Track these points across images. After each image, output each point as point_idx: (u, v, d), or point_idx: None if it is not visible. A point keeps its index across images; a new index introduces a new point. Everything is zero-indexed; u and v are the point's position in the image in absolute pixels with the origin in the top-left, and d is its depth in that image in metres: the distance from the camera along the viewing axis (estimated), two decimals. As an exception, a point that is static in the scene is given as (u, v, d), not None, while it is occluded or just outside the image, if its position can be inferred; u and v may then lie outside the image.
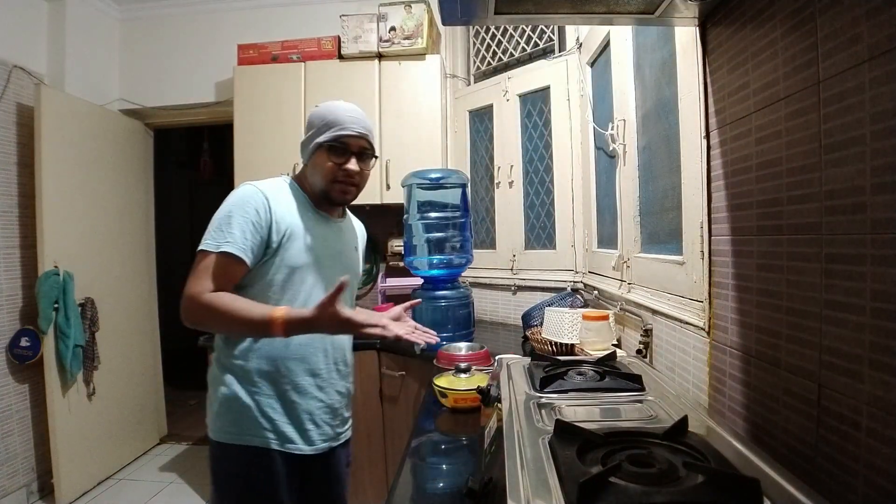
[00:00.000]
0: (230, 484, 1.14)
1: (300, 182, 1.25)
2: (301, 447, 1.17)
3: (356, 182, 1.23)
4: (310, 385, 1.18)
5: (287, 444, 1.15)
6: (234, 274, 1.10)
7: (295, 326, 1.02)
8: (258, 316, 1.03)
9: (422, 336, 1.20)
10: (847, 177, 0.64)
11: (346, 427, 1.30)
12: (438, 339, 1.28)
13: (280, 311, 1.02)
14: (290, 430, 1.15)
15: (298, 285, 1.16)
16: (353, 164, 1.20)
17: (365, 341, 2.21)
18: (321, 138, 1.17)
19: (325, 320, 1.00)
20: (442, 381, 1.32)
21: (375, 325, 1.05)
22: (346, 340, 1.29)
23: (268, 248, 1.13)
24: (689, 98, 1.12)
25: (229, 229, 1.08)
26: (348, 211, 1.40)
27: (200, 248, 1.09)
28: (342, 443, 1.28)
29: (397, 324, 1.25)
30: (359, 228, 1.44)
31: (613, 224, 1.77)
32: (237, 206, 1.10)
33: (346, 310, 1.00)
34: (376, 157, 1.29)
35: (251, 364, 1.14)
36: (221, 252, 1.07)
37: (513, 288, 2.48)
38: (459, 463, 1.03)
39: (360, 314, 1.12)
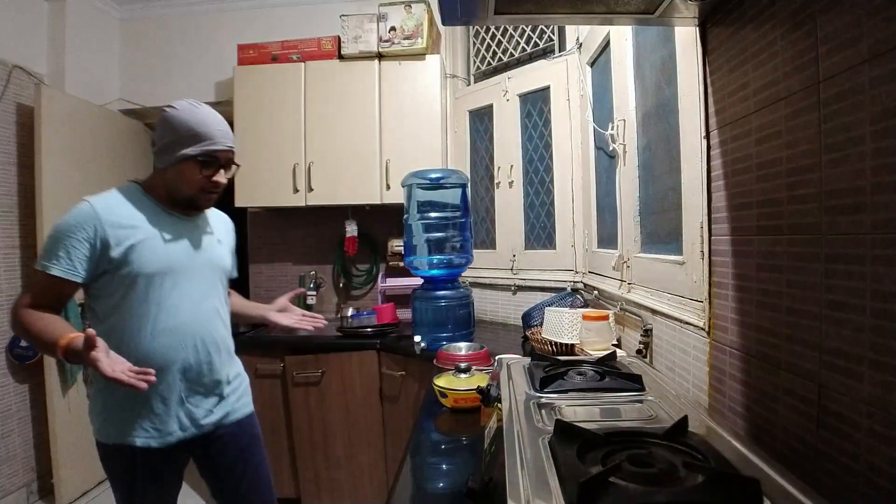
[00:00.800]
0: (116, 484, 1.22)
1: (149, 186, 1.26)
2: (169, 440, 1.21)
3: (220, 190, 1.28)
4: (179, 380, 1.22)
5: (165, 438, 1.20)
6: (59, 292, 1.16)
7: (75, 358, 1.05)
8: (49, 340, 1.07)
9: (310, 321, 1.30)
10: (847, 177, 0.64)
11: (239, 407, 1.35)
12: (325, 323, 1.40)
13: (69, 337, 1.06)
14: (158, 424, 1.19)
15: (160, 289, 1.19)
16: (222, 177, 1.24)
17: (365, 341, 2.21)
18: (190, 150, 1.18)
19: (102, 366, 1.00)
20: (442, 381, 1.32)
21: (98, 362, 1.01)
22: (219, 333, 1.31)
23: (110, 262, 1.15)
24: (689, 98, 1.12)
25: (56, 250, 1.12)
26: (211, 210, 1.39)
27: (37, 266, 1.15)
28: (238, 420, 1.34)
29: (284, 315, 1.42)
30: (218, 219, 1.42)
31: (613, 224, 1.77)
32: (66, 226, 1.14)
33: (100, 355, 1.00)
34: (238, 165, 1.31)
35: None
36: (47, 273, 1.12)
37: (513, 288, 2.48)
38: (459, 463, 1.03)
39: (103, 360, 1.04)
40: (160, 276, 1.19)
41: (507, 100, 2.48)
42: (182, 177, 1.20)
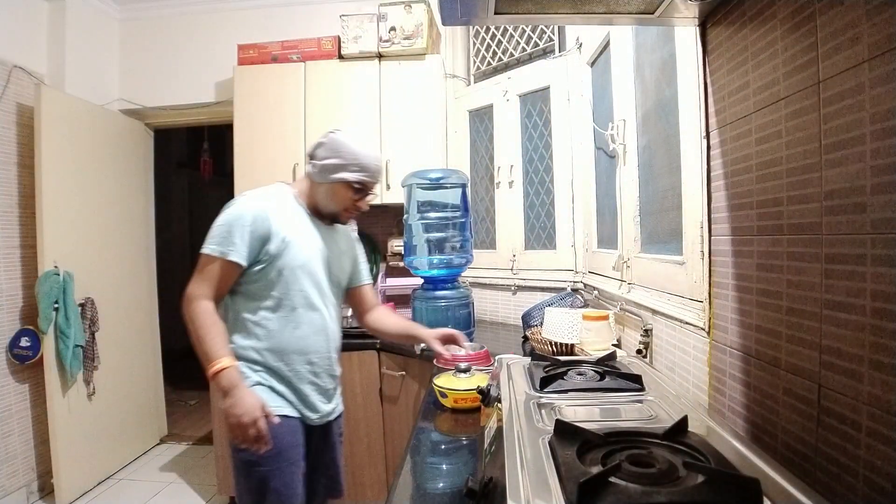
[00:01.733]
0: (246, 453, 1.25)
1: (300, 192, 1.39)
2: (310, 417, 1.35)
3: (362, 212, 1.44)
4: (307, 371, 1.34)
5: (303, 413, 1.33)
6: (231, 278, 1.28)
7: (221, 382, 1.19)
8: (209, 351, 1.21)
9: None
10: (847, 177, 0.64)
11: (336, 405, 1.46)
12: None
13: (224, 362, 1.20)
14: (298, 404, 1.33)
15: (303, 284, 1.32)
16: (365, 204, 1.40)
17: (365, 341, 2.21)
18: (350, 176, 1.32)
19: (237, 408, 1.18)
20: (442, 381, 1.32)
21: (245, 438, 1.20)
22: (338, 332, 1.45)
23: (265, 254, 1.27)
24: (689, 98, 1.12)
25: (232, 237, 1.24)
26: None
27: (206, 251, 1.25)
28: (335, 417, 1.45)
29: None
30: (348, 234, 1.56)
31: (613, 224, 1.77)
32: (238, 216, 1.25)
33: (260, 423, 1.19)
34: (377, 194, 1.50)
35: (262, 356, 1.30)
36: (225, 259, 1.24)
37: (513, 288, 2.48)
38: (459, 463, 1.03)
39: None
40: (303, 272, 1.31)
41: (507, 100, 2.48)
42: (335, 195, 1.35)
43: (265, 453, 1.23)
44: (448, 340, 1.48)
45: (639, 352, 1.40)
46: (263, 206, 1.28)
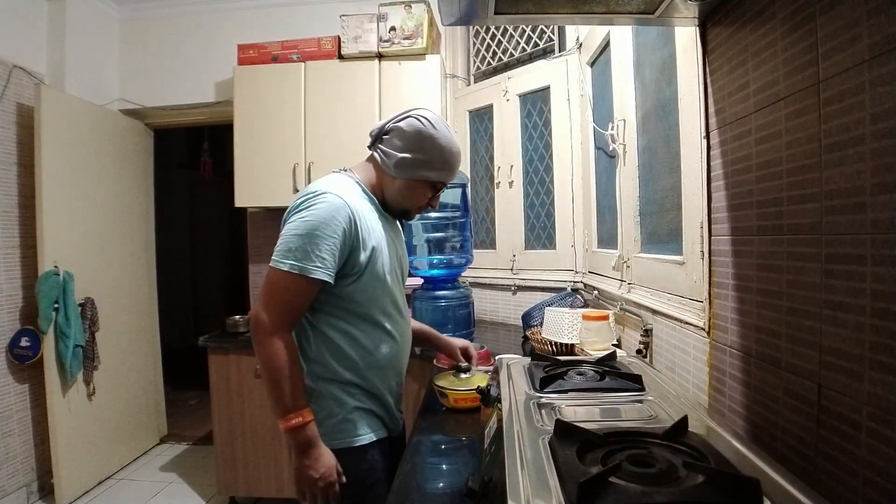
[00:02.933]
0: (357, 487, 1.14)
1: (371, 186, 1.20)
2: (394, 429, 1.25)
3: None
4: (396, 385, 1.25)
5: (391, 427, 1.23)
6: (313, 297, 1.08)
7: (299, 438, 1.05)
8: (287, 401, 1.04)
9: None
10: (847, 177, 0.64)
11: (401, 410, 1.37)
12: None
13: (305, 416, 1.05)
14: (388, 421, 1.22)
15: (391, 294, 1.18)
16: (437, 201, 1.25)
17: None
18: (432, 175, 1.16)
19: (313, 470, 1.05)
20: (442, 381, 1.32)
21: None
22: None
23: (355, 266, 1.09)
24: (689, 98, 1.12)
25: (317, 250, 1.02)
26: None
27: (283, 267, 1.02)
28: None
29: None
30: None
31: (613, 224, 1.77)
32: (325, 224, 1.03)
33: (335, 487, 1.07)
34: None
35: (358, 377, 1.14)
36: (310, 277, 1.02)
37: (513, 288, 2.48)
38: (459, 463, 1.03)
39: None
40: (390, 279, 1.16)
41: (507, 100, 2.48)
42: (412, 193, 1.18)
43: (369, 485, 1.13)
44: (465, 355, 1.42)
45: (639, 352, 1.40)
46: (351, 208, 1.06)
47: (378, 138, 1.20)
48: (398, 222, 1.34)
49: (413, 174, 1.15)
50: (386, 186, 1.19)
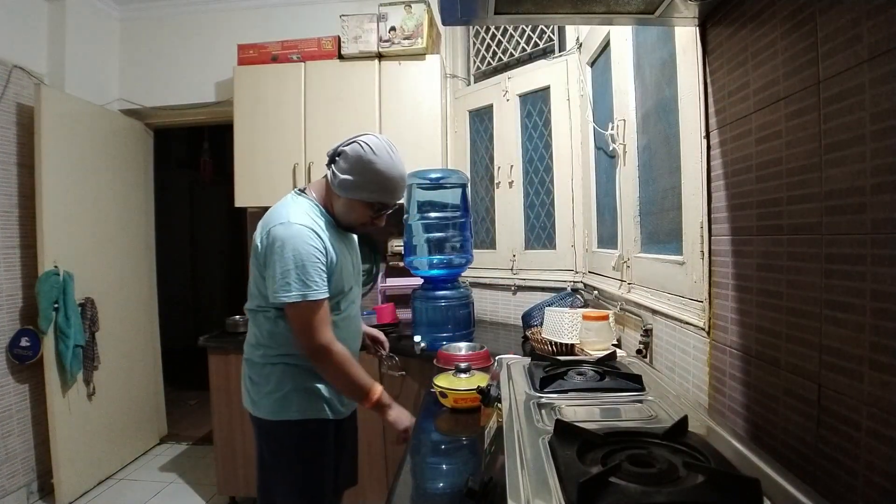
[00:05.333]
0: (289, 455, 1.34)
1: (326, 205, 1.37)
2: (342, 411, 1.42)
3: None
4: None
5: (335, 412, 1.39)
6: (327, 308, 1.29)
7: (384, 402, 1.33)
8: (363, 385, 1.31)
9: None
10: (847, 177, 0.64)
11: None
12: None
13: (377, 387, 1.32)
14: (335, 401, 1.38)
15: (349, 301, 1.41)
16: (382, 221, 1.39)
17: (365, 342, 2.20)
18: (367, 197, 1.30)
19: (404, 415, 1.35)
20: (442, 381, 1.32)
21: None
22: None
23: (328, 281, 1.29)
24: (689, 98, 1.12)
25: (313, 276, 1.23)
26: None
27: (296, 299, 1.21)
28: (355, 407, 1.53)
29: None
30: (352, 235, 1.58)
31: (613, 224, 1.77)
32: (307, 252, 1.23)
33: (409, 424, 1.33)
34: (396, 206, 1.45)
35: (304, 361, 1.32)
36: (318, 300, 1.24)
37: (513, 288, 2.48)
38: (459, 463, 1.03)
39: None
40: (348, 290, 1.39)
41: (507, 100, 2.48)
42: (352, 211, 1.33)
43: (307, 457, 1.34)
44: (374, 340, 1.70)
45: (639, 352, 1.40)
46: (319, 235, 1.27)
47: (332, 159, 1.33)
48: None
49: (351, 194, 1.29)
50: (334, 203, 1.35)
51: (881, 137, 0.58)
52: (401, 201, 1.38)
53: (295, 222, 1.25)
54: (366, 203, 1.31)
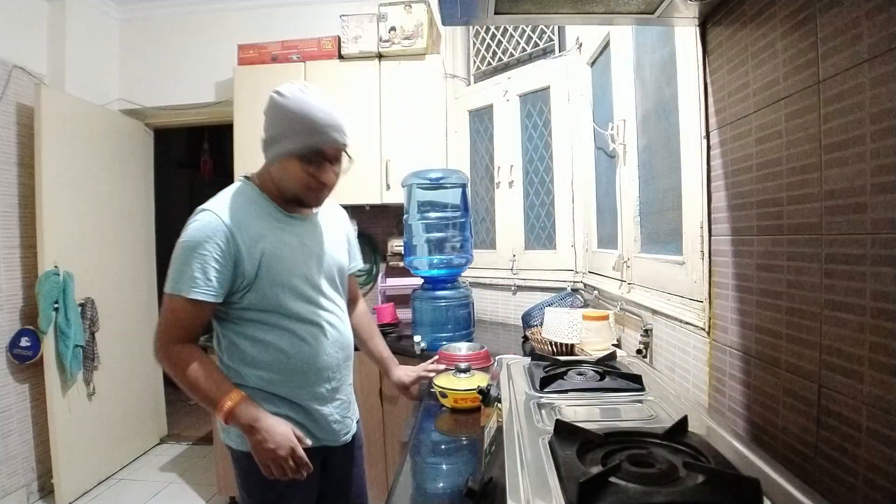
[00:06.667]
0: (259, 487, 1.15)
1: (264, 185, 1.15)
2: (333, 440, 1.21)
3: (330, 186, 1.14)
4: (328, 391, 1.19)
5: (317, 438, 1.17)
6: (201, 316, 1.07)
7: (240, 419, 1.04)
8: (209, 391, 1.06)
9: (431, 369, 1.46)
10: (847, 177, 0.64)
11: (356, 413, 1.35)
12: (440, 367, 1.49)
13: (232, 397, 1.04)
14: (313, 425, 1.17)
15: (296, 300, 1.12)
16: (329, 175, 1.11)
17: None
18: (291, 145, 1.06)
19: (269, 442, 1.03)
20: (442, 381, 1.32)
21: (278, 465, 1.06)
22: (350, 335, 1.27)
23: (244, 279, 1.07)
24: (689, 98, 1.12)
25: (191, 272, 1.02)
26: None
27: (166, 290, 1.04)
28: (357, 431, 1.33)
29: (405, 373, 1.49)
30: (333, 213, 1.33)
31: (613, 224, 1.77)
32: (195, 242, 1.03)
33: (298, 451, 1.05)
34: (351, 158, 1.17)
35: (273, 387, 1.13)
36: (187, 298, 1.02)
37: (513, 288, 2.48)
38: (459, 463, 1.03)
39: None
40: (295, 282, 1.12)
41: (507, 100, 2.48)
42: (286, 174, 1.09)
43: (286, 491, 1.12)
44: (402, 389, 1.47)
45: (639, 352, 1.40)
46: (221, 223, 1.04)
47: None
48: (339, 216, 1.34)
49: (276, 151, 1.08)
50: (273, 177, 1.13)
51: (881, 137, 0.58)
52: (337, 143, 1.08)
53: (205, 208, 1.07)
54: (295, 157, 1.07)
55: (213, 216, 1.05)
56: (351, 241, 1.38)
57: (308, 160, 1.07)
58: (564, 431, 0.68)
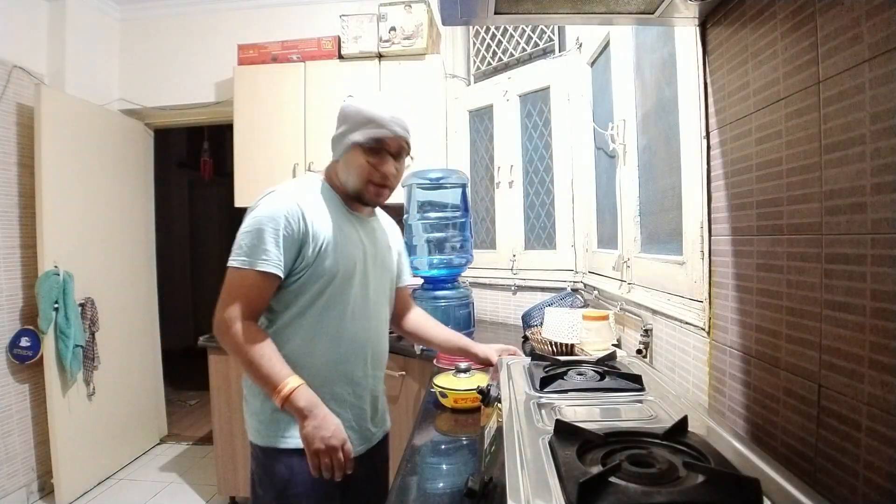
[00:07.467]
0: (273, 485, 1.11)
1: (330, 180, 1.19)
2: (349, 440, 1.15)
3: (391, 184, 1.18)
4: (348, 394, 1.16)
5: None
6: (268, 292, 1.08)
7: (299, 403, 1.03)
8: (270, 374, 1.04)
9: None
10: (847, 177, 0.64)
11: (382, 427, 1.29)
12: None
13: (292, 381, 1.03)
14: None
15: (342, 294, 1.13)
16: (390, 167, 1.14)
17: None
18: (357, 136, 1.11)
19: (323, 429, 1.03)
20: (442, 381, 1.32)
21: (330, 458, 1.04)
22: (385, 346, 1.27)
23: (303, 261, 1.08)
24: (689, 98, 1.12)
25: (263, 245, 1.04)
26: (379, 211, 1.36)
27: (233, 264, 1.05)
28: (379, 441, 1.27)
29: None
30: (390, 225, 1.38)
31: (613, 224, 1.77)
32: (269, 219, 1.05)
33: (347, 444, 1.06)
34: (412, 157, 1.22)
35: (305, 372, 1.10)
36: (258, 270, 1.04)
37: (513, 288, 2.48)
38: (459, 463, 1.03)
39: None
40: (345, 280, 1.12)
41: (507, 100, 2.48)
42: (350, 165, 1.13)
43: (294, 496, 1.09)
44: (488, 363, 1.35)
45: (639, 352, 1.40)
46: (298, 203, 1.08)
47: None
48: (394, 231, 1.36)
49: (344, 145, 1.13)
50: (339, 174, 1.17)
51: (881, 137, 0.58)
52: (396, 134, 1.13)
53: (278, 189, 1.11)
54: (359, 148, 1.11)
55: (285, 195, 1.09)
56: (402, 255, 1.40)
57: (371, 151, 1.12)
58: (564, 431, 0.68)
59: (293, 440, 1.09)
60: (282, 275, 1.07)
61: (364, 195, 1.16)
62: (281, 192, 1.10)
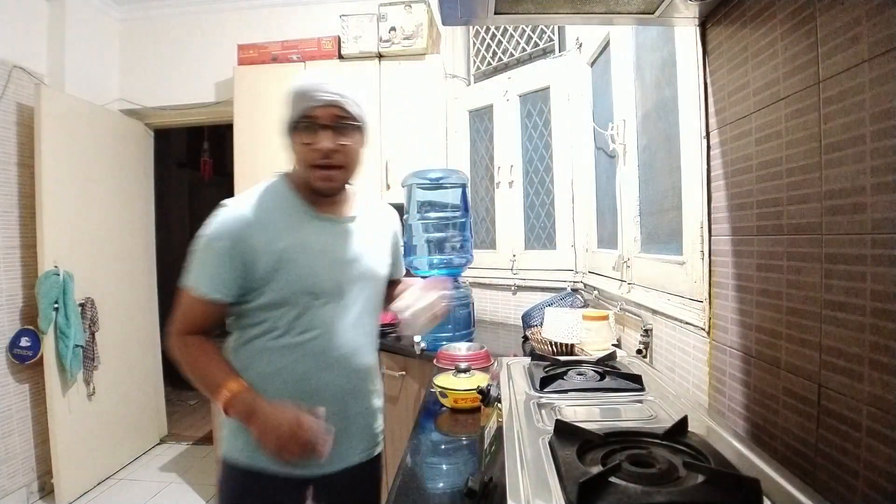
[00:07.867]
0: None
1: (293, 181, 1.09)
2: (305, 473, 1.04)
3: (337, 162, 1.02)
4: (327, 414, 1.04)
5: (301, 465, 1.00)
6: (210, 313, 1.02)
7: (238, 409, 0.94)
8: (209, 382, 0.98)
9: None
10: (847, 177, 0.64)
11: (371, 446, 1.17)
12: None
13: (230, 387, 0.95)
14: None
15: (310, 310, 1.02)
16: (325, 141, 0.99)
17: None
18: (293, 117, 1.02)
19: (270, 428, 0.91)
20: (442, 381, 1.32)
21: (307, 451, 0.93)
22: (367, 361, 1.14)
23: (257, 278, 0.99)
24: (689, 98, 1.12)
25: (205, 268, 1.00)
26: (372, 202, 1.24)
27: (183, 283, 1.02)
28: (369, 460, 1.16)
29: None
30: (380, 215, 1.24)
31: (613, 224, 1.77)
32: (215, 238, 0.99)
33: (305, 420, 0.92)
34: (360, 127, 1.05)
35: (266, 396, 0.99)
36: (196, 293, 0.99)
37: (513, 288, 2.48)
38: (459, 463, 1.03)
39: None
40: (310, 295, 1.02)
41: (507, 100, 2.48)
42: (295, 150, 1.04)
43: None
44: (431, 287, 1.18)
45: (639, 352, 1.40)
46: (246, 217, 0.99)
47: None
48: (385, 217, 1.24)
49: (286, 126, 1.06)
50: (296, 165, 1.08)
51: (881, 137, 0.58)
52: (325, 102, 1.00)
53: (225, 203, 1.04)
54: (295, 133, 1.03)
55: (231, 211, 1.02)
56: (398, 245, 1.29)
57: (304, 130, 1.01)
58: (564, 431, 0.68)
59: (247, 457, 1.01)
60: (222, 297, 0.99)
61: (312, 184, 1.04)
62: (231, 208, 1.02)
